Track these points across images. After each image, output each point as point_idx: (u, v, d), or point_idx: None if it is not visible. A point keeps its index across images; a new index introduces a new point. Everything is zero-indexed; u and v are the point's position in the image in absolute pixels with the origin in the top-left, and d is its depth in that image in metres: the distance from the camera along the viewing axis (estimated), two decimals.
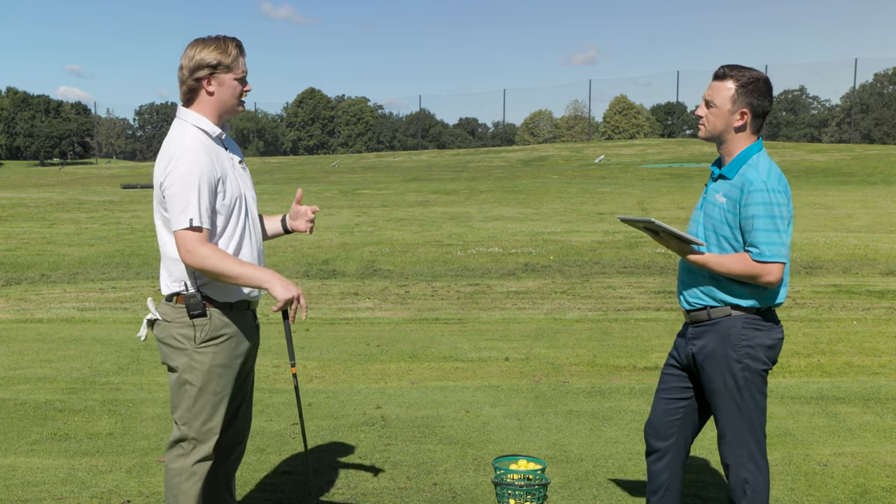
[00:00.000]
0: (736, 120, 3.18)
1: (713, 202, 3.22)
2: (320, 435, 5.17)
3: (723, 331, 3.19)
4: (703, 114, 3.25)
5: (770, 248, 3.07)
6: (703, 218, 3.27)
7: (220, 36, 3.12)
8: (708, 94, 3.24)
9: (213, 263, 2.95)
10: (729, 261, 3.13)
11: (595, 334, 8.43)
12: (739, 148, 3.21)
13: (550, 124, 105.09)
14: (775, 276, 3.11)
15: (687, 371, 3.40)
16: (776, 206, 3.07)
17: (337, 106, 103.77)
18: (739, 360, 3.17)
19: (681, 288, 3.35)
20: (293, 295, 3.00)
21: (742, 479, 3.22)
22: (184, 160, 2.98)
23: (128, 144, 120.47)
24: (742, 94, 3.16)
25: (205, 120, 3.11)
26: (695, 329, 3.30)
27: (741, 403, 3.20)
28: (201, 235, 2.97)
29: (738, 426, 3.22)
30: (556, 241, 16.19)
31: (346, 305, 10.37)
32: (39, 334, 8.49)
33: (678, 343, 3.45)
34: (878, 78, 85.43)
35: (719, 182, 3.24)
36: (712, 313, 3.22)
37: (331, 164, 54.63)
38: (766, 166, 3.14)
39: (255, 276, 3.00)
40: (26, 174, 58.89)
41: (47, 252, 15.39)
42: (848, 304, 10.13)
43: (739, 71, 3.19)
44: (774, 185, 3.09)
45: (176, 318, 3.10)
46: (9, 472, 4.52)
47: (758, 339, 3.18)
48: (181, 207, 2.95)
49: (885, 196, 26.33)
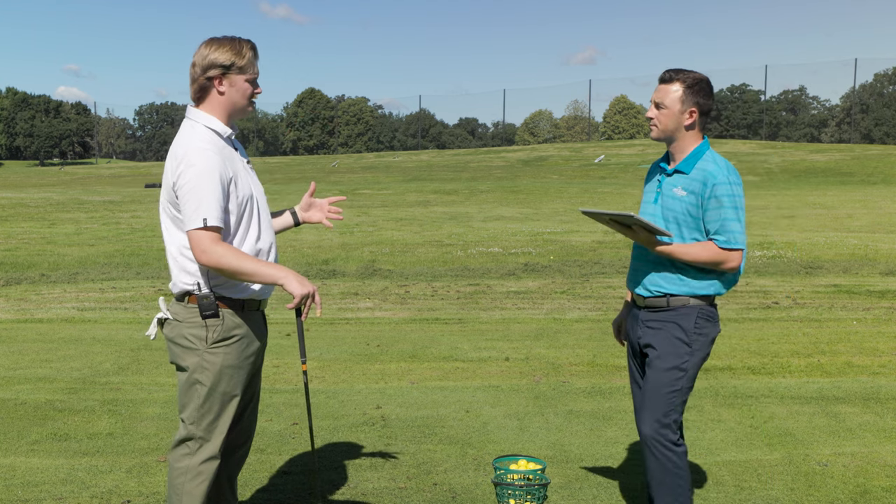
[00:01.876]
0: (686, 119, 3.40)
1: (672, 196, 3.41)
2: (320, 435, 5.17)
3: (678, 318, 3.41)
4: (654, 115, 3.46)
5: (734, 236, 3.30)
6: (661, 211, 3.45)
7: (235, 37, 3.11)
8: (657, 96, 3.45)
9: (228, 262, 2.94)
10: (695, 249, 3.33)
11: (595, 334, 8.43)
12: (691, 145, 3.43)
13: (550, 124, 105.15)
14: (737, 261, 3.33)
15: (640, 353, 3.59)
16: (738, 197, 3.32)
17: (337, 106, 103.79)
18: (689, 345, 3.39)
19: (637, 277, 3.53)
20: (309, 291, 2.99)
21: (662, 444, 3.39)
22: (197, 160, 2.96)
23: (128, 144, 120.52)
24: (689, 95, 3.38)
25: (215, 120, 3.10)
26: (649, 313, 3.48)
27: (683, 382, 3.39)
28: (216, 235, 2.96)
29: (667, 399, 3.38)
30: (556, 241, 16.19)
31: (346, 305, 10.37)
32: (39, 334, 8.49)
33: (629, 330, 3.64)
34: (878, 78, 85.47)
35: (675, 177, 3.43)
36: (672, 301, 3.42)
37: (331, 164, 54.64)
38: (722, 162, 3.38)
39: (270, 272, 2.99)
40: (26, 174, 58.91)
41: (47, 252, 15.39)
42: (848, 304, 10.13)
43: (684, 73, 3.41)
44: (734, 178, 3.34)
45: (187, 317, 3.09)
46: (9, 472, 4.52)
47: (707, 331, 3.42)
48: (194, 207, 2.94)
49: (885, 196, 26.33)
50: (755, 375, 6.64)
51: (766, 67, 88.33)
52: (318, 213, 3.59)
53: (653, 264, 3.45)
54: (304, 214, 3.58)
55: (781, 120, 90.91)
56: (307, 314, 3.03)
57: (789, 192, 28.29)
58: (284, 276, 2.99)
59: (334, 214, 3.62)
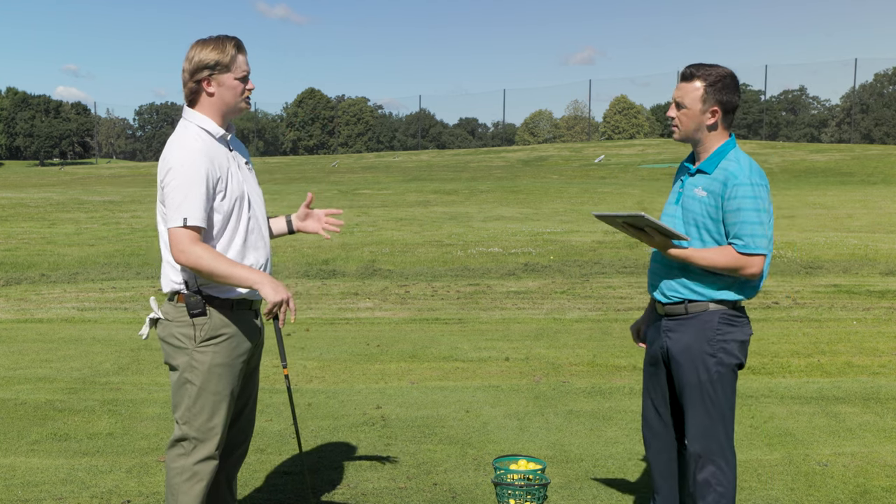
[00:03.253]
0: (707, 118, 3.22)
1: (692, 196, 3.24)
2: (320, 435, 5.17)
3: (699, 325, 3.23)
4: (675, 115, 3.29)
5: (754, 241, 3.11)
6: (681, 213, 3.29)
7: (220, 36, 3.11)
8: (677, 95, 3.26)
9: (205, 263, 2.95)
10: (712, 254, 3.15)
11: (595, 334, 8.43)
12: (715, 145, 3.25)
13: (550, 124, 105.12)
14: (758, 267, 3.14)
15: (663, 364, 3.41)
16: (760, 199, 3.12)
17: (337, 106, 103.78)
18: (714, 355, 3.20)
19: (655, 280, 3.37)
20: (282, 298, 2.99)
21: (710, 473, 3.23)
22: (182, 159, 2.99)
23: (128, 144, 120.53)
24: (711, 93, 3.20)
25: (208, 120, 3.11)
26: (669, 322, 3.32)
27: (714, 397, 3.22)
28: (195, 234, 2.97)
29: (709, 420, 3.23)
30: (556, 241, 16.19)
31: (346, 305, 10.37)
32: (39, 334, 8.49)
33: (651, 336, 3.47)
34: (878, 78, 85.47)
35: (697, 177, 3.26)
36: (690, 307, 3.25)
37: (331, 164, 54.64)
38: (746, 161, 3.19)
39: (245, 276, 2.99)
40: (26, 174, 58.91)
41: (47, 252, 15.39)
42: (848, 304, 10.13)
43: (706, 70, 3.22)
44: (757, 179, 3.14)
45: (177, 317, 3.10)
46: (9, 472, 4.52)
47: (732, 335, 3.22)
48: (176, 205, 2.96)
49: (885, 196, 26.33)
50: (755, 375, 6.64)
51: (766, 67, 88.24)
52: (315, 223, 3.57)
53: (670, 268, 3.28)
54: (300, 224, 3.57)
55: (781, 120, 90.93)
56: (284, 320, 3.03)
57: (789, 192, 28.28)
58: (259, 282, 2.99)
59: (332, 226, 3.58)
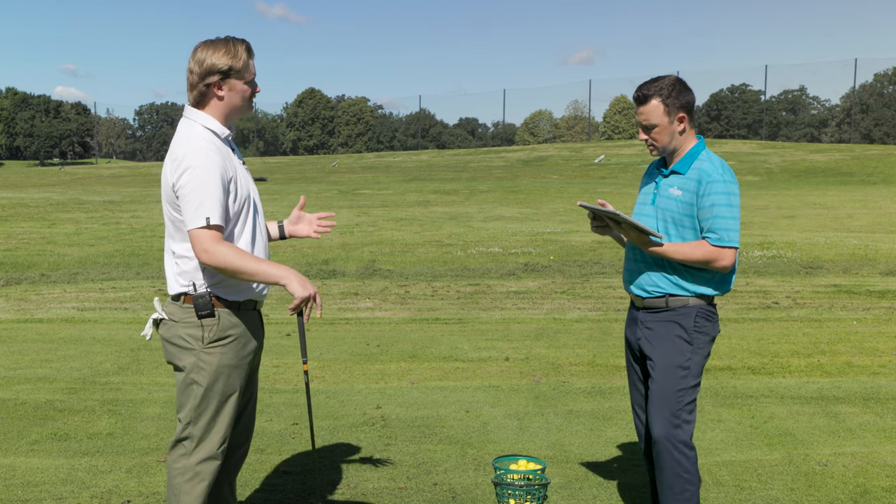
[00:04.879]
0: (678, 126, 3.40)
1: (668, 196, 3.42)
2: (320, 435, 5.17)
3: (678, 318, 3.40)
4: (648, 138, 3.45)
5: (728, 234, 3.29)
6: (656, 212, 3.45)
7: (228, 38, 3.07)
8: (642, 119, 3.44)
9: (231, 261, 2.93)
10: (687, 248, 3.33)
11: (595, 334, 8.43)
12: (686, 147, 3.45)
13: (550, 124, 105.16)
14: (730, 259, 3.32)
15: (640, 356, 3.57)
16: (732, 195, 3.32)
17: (337, 106, 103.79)
18: (690, 342, 3.39)
19: (632, 276, 3.53)
20: (310, 293, 2.98)
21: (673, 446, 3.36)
22: (198, 159, 2.95)
23: (128, 144, 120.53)
24: (671, 104, 3.37)
25: (213, 121, 3.09)
26: (647, 314, 3.48)
27: (688, 381, 3.38)
28: (218, 234, 2.94)
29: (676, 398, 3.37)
30: (556, 241, 16.19)
31: (346, 305, 10.37)
32: (39, 334, 8.49)
33: (628, 331, 3.63)
34: (878, 78, 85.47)
35: (672, 177, 3.45)
36: (671, 301, 3.42)
37: (331, 164, 54.64)
38: (717, 161, 3.39)
39: (273, 272, 2.97)
40: (26, 174, 58.91)
41: (47, 252, 15.39)
42: (848, 304, 10.13)
43: (655, 86, 3.38)
44: (729, 177, 3.34)
45: (183, 318, 3.08)
46: (9, 472, 4.52)
47: (706, 329, 3.42)
48: (196, 206, 2.92)
49: (885, 196, 26.33)
50: (755, 375, 6.64)
51: (766, 67, 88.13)
52: (307, 226, 3.57)
53: (648, 264, 3.45)
54: (292, 228, 3.56)
55: (781, 120, 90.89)
56: (309, 315, 3.03)
57: (789, 192, 28.29)
58: (286, 277, 2.97)
59: (323, 228, 3.57)
